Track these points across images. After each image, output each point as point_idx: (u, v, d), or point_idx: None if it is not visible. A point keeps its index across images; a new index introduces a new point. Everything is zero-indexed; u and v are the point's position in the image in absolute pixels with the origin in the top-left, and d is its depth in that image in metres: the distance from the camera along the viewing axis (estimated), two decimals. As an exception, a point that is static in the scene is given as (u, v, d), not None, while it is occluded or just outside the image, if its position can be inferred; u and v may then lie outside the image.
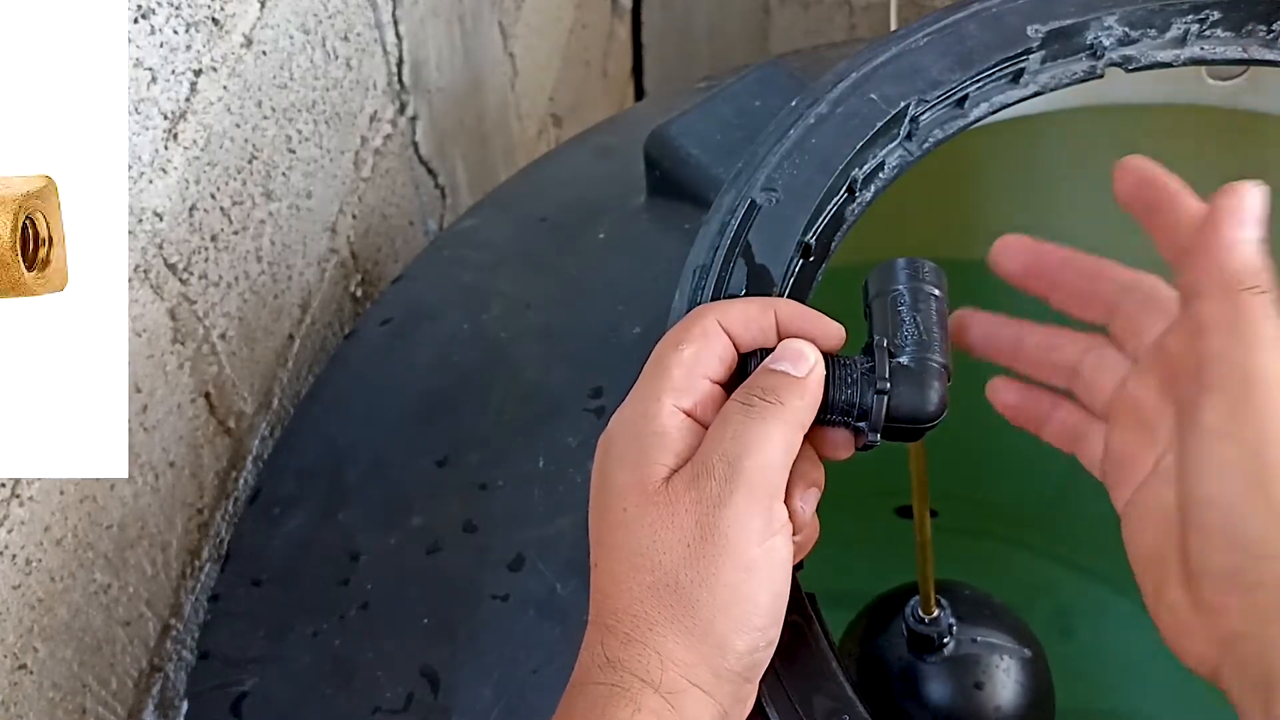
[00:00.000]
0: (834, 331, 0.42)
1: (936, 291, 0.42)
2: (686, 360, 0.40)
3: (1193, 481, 0.38)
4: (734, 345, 0.41)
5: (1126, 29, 0.53)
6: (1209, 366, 0.37)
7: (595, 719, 0.36)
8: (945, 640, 0.52)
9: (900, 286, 0.42)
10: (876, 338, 0.41)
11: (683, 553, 0.37)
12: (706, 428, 0.39)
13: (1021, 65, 0.53)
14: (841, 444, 0.42)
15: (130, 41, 0.54)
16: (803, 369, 0.39)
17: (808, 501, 0.40)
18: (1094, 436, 0.44)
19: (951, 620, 0.52)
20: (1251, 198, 0.38)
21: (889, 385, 0.40)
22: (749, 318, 0.41)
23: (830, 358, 0.41)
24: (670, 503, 0.37)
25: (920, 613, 0.52)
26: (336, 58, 0.75)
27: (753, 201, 0.48)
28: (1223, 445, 0.37)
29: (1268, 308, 0.37)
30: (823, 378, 0.40)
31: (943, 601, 0.52)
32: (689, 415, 0.39)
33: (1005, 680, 0.52)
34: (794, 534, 0.39)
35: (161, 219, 0.58)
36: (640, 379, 0.41)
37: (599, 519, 0.40)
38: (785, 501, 0.39)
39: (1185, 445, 0.38)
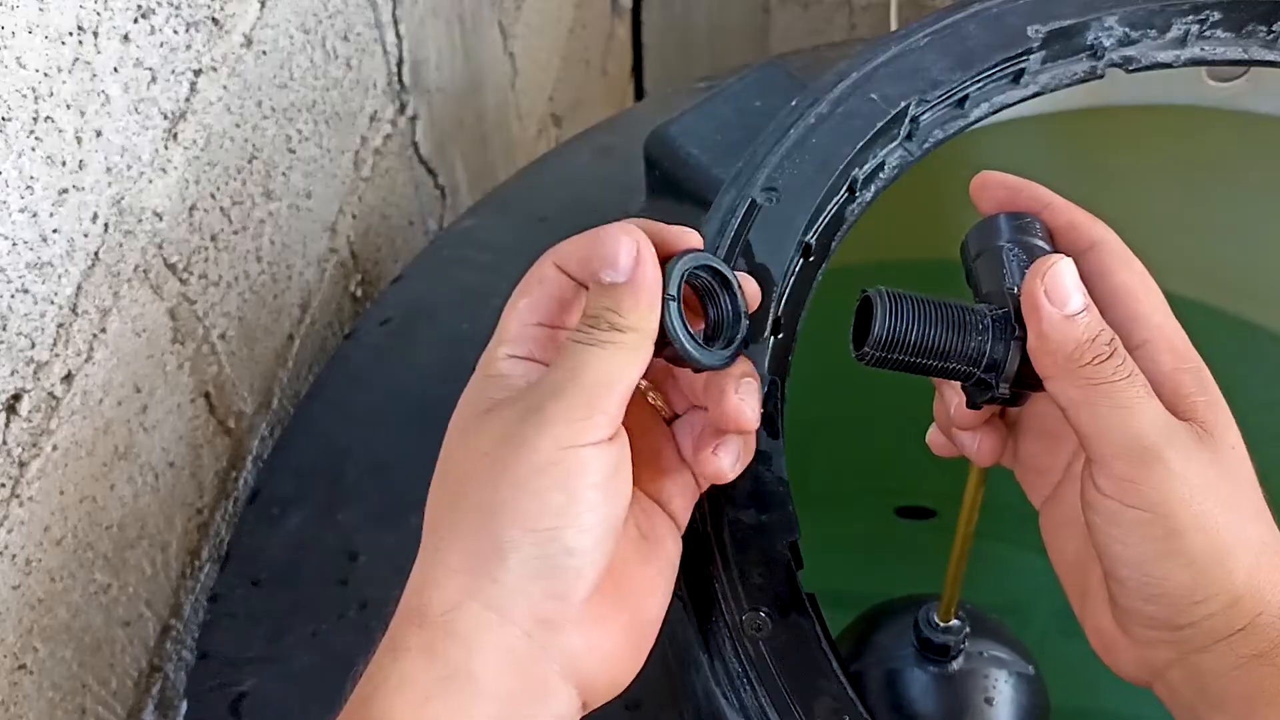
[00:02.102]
0: (623, 246, 0.37)
1: (1048, 247, 0.40)
2: (520, 311, 0.39)
3: (1102, 540, 0.37)
4: (575, 280, 0.39)
5: (1127, 29, 0.53)
6: (1087, 441, 0.37)
7: (365, 680, 0.35)
8: (959, 650, 0.51)
9: (1006, 241, 0.40)
10: (1006, 285, 0.39)
11: (479, 461, 0.36)
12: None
13: (1022, 65, 0.53)
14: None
15: (129, 41, 0.54)
16: (623, 269, 0.36)
17: (726, 451, 0.39)
18: (1008, 446, 0.44)
19: (967, 629, 0.51)
20: (1055, 274, 0.37)
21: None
22: (583, 261, 0.39)
23: (958, 305, 0.39)
24: (487, 419, 0.37)
25: (936, 618, 0.50)
26: (336, 57, 0.75)
27: (753, 201, 0.48)
28: (1124, 511, 0.36)
29: (1116, 368, 0.36)
30: (650, 265, 0.36)
31: (960, 611, 0.50)
32: (528, 359, 0.39)
33: (1014, 695, 0.51)
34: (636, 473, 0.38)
35: (161, 219, 0.58)
36: None
37: (435, 481, 0.39)
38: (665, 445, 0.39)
39: (1088, 505, 0.38)
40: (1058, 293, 0.37)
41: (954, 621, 0.50)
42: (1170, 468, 0.36)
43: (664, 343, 0.38)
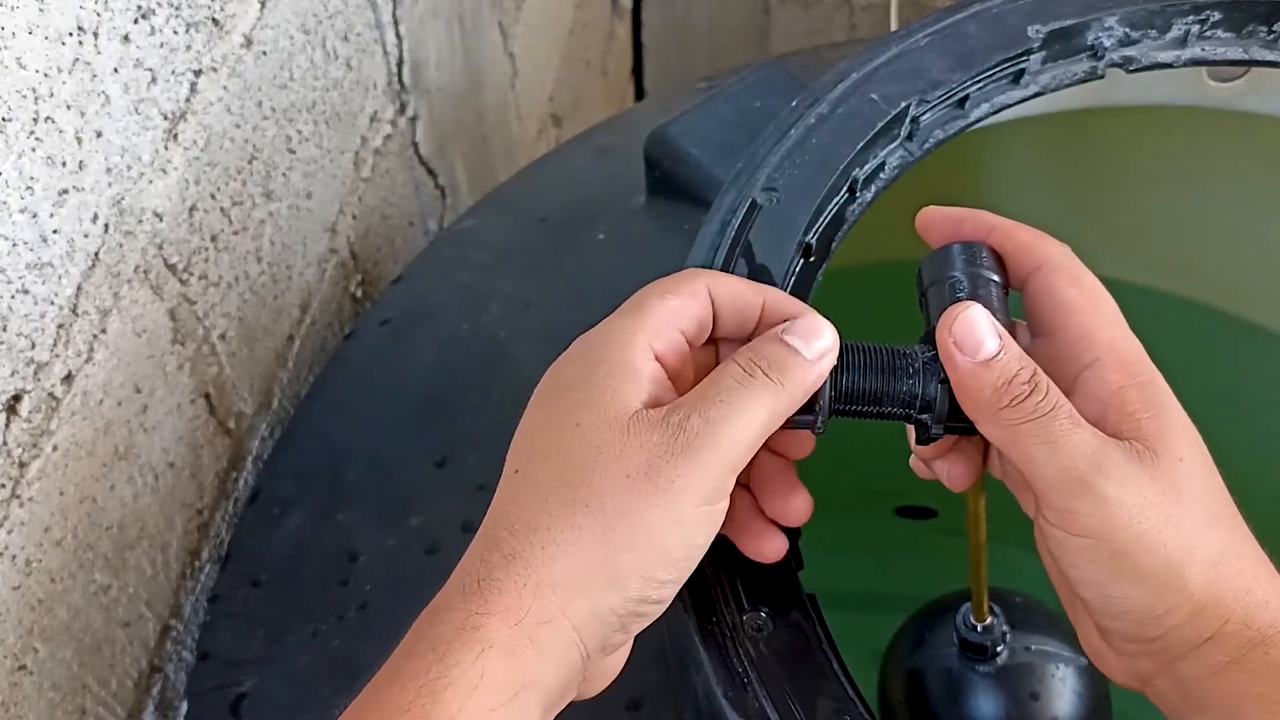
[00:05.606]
0: (824, 332, 0.39)
1: (995, 277, 0.40)
2: (671, 310, 0.39)
3: (1061, 565, 0.38)
4: (715, 316, 0.40)
5: (1127, 30, 0.53)
6: (1025, 477, 0.38)
7: (433, 660, 0.34)
8: (999, 649, 0.51)
9: (957, 273, 0.40)
10: (938, 326, 0.39)
11: (620, 483, 0.35)
12: (670, 377, 0.38)
13: (1022, 66, 0.53)
14: (799, 444, 0.42)
15: (130, 41, 0.54)
16: (814, 350, 0.38)
17: (792, 506, 0.40)
18: (994, 459, 0.44)
19: (1005, 628, 0.50)
20: (963, 324, 0.38)
21: None
22: (737, 294, 0.40)
23: (889, 349, 0.39)
24: (632, 434, 0.36)
25: (972, 620, 0.50)
26: (336, 58, 0.75)
27: (753, 201, 0.48)
28: (1070, 539, 0.37)
29: (1036, 405, 0.37)
30: (831, 365, 0.38)
31: (995, 608, 0.50)
32: (659, 359, 0.38)
33: (1062, 689, 0.51)
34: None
35: (161, 219, 0.58)
36: (615, 315, 0.39)
37: (539, 428, 0.38)
38: (772, 499, 0.40)
39: (1040, 533, 0.38)
40: (968, 342, 0.37)
41: (990, 620, 0.50)
42: (1102, 494, 0.36)
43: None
